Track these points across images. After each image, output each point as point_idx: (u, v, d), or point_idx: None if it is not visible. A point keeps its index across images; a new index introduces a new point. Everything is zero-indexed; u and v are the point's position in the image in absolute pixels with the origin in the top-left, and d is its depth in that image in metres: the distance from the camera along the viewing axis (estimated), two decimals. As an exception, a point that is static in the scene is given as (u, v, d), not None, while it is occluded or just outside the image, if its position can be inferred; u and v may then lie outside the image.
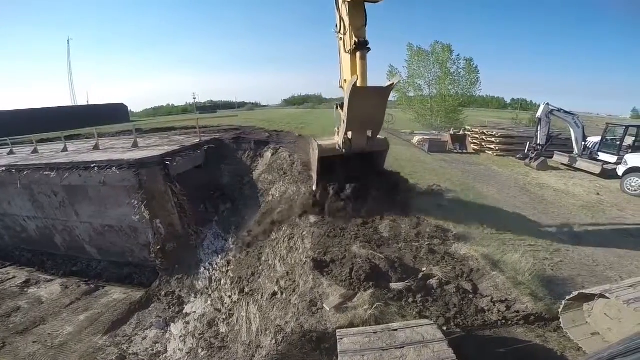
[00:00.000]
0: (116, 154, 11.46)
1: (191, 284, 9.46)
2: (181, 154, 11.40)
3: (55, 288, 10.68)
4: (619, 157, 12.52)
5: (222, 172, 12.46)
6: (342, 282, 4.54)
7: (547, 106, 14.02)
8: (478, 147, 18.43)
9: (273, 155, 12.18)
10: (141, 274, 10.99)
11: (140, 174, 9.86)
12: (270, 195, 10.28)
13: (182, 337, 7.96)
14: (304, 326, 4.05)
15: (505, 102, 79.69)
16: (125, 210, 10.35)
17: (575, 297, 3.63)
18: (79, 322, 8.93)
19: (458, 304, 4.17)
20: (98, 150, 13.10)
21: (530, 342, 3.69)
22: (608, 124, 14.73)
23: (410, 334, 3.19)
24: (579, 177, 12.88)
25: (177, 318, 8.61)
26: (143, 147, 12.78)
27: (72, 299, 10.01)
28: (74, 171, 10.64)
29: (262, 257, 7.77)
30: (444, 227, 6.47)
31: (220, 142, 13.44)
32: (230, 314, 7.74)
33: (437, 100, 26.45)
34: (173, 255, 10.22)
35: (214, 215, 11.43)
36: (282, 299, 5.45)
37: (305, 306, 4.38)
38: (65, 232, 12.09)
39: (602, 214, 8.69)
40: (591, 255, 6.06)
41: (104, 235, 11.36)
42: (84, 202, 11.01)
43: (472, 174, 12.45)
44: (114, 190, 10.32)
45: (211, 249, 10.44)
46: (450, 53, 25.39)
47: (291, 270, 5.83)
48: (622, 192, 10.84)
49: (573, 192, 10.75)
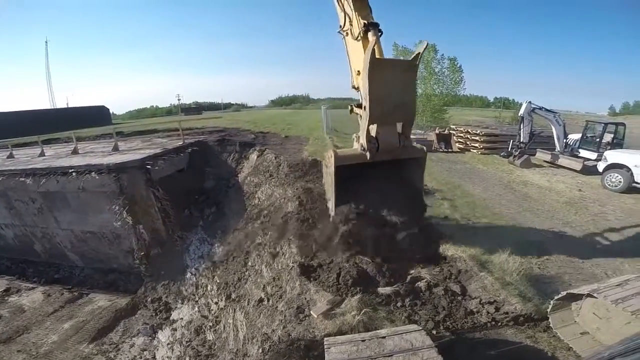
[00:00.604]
0: (95, 158, 11.09)
1: (178, 290, 9.25)
2: (163, 158, 11.10)
3: (38, 296, 10.37)
4: (598, 154, 12.81)
5: (207, 175, 12.21)
6: (330, 288, 4.45)
7: (529, 104, 14.25)
8: (463, 146, 18.61)
9: (259, 157, 12.00)
10: (126, 281, 10.71)
11: (120, 179, 9.56)
12: (257, 198, 10.11)
13: (169, 344, 7.79)
14: (291, 334, 3.96)
15: (488, 100, 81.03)
16: (107, 216, 10.03)
17: (563, 297, 3.63)
18: (64, 330, 8.71)
19: (447, 306, 4.14)
20: (77, 154, 12.65)
21: (520, 343, 3.67)
22: (587, 121, 15.05)
23: (399, 341, 3.12)
24: (561, 173, 13.12)
25: (165, 325, 8.42)
26: (124, 150, 12.41)
27: (55, 307, 9.74)
28: (51, 177, 10.25)
29: (248, 262, 7.62)
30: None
31: (204, 145, 13.16)
32: (217, 320, 7.57)
33: (422, 99, 26.58)
34: (158, 261, 9.98)
35: (199, 219, 11.19)
36: (268, 305, 5.33)
37: (292, 313, 4.29)
38: (45, 239, 11.70)
39: (585, 210, 8.83)
40: (576, 253, 6.12)
41: (86, 241, 11.01)
42: (64, 209, 10.64)
43: (457, 172, 12.54)
44: (94, 196, 9.98)
45: (197, 254, 10.22)
46: (434, 53, 25.57)
47: (277, 276, 5.71)
48: (603, 188, 11.06)
49: (556, 189, 10.92)
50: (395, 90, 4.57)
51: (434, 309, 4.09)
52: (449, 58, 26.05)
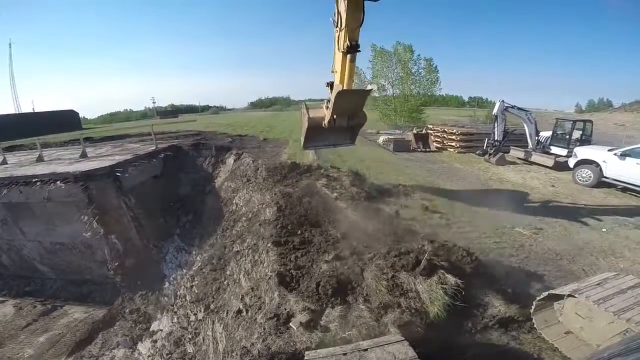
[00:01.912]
0: (62, 166, 10.49)
1: (156, 300, 8.95)
2: (134, 164, 10.61)
3: (8, 309, 9.89)
4: (569, 150, 13.24)
5: (182, 181, 11.79)
6: (309, 298, 4.29)
7: (502, 103, 14.57)
8: (440, 145, 18.87)
9: (236, 162, 11.68)
10: (102, 292, 10.31)
11: (88, 188, 9.08)
12: (234, 204, 9.83)
13: (150, 356, 7.54)
14: (271, 347, 3.81)
15: (463, 100, 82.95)
16: (76, 226, 9.53)
17: (545, 298, 3.63)
18: (40, 344, 8.39)
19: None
20: (42, 162, 11.97)
21: (506, 345, 3.65)
22: (557, 119, 15.57)
23: (381, 353, 3.01)
24: (535, 170, 13.48)
25: (145, 336, 8.13)
26: (93, 157, 11.81)
27: (28, 320, 9.34)
28: (13, 187, 9.64)
29: (226, 270, 7.36)
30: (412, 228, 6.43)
31: (178, 150, 12.70)
32: (196, 332, 7.30)
33: (400, 100, 26.86)
34: (134, 271, 9.62)
35: (175, 227, 10.79)
36: (247, 317, 5.12)
37: (272, 325, 4.12)
38: (11, 251, 11.07)
39: (558, 206, 9.07)
40: (553, 249, 6.23)
41: (56, 253, 10.49)
42: (29, 220, 10.06)
43: (436, 172, 12.66)
44: (62, 206, 9.46)
45: (174, 263, 9.88)
46: (411, 53, 25.89)
47: (256, 286, 5.51)
48: (574, 183, 11.43)
49: (530, 185, 11.19)
50: (351, 105, 6.78)
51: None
52: (425, 59, 26.46)
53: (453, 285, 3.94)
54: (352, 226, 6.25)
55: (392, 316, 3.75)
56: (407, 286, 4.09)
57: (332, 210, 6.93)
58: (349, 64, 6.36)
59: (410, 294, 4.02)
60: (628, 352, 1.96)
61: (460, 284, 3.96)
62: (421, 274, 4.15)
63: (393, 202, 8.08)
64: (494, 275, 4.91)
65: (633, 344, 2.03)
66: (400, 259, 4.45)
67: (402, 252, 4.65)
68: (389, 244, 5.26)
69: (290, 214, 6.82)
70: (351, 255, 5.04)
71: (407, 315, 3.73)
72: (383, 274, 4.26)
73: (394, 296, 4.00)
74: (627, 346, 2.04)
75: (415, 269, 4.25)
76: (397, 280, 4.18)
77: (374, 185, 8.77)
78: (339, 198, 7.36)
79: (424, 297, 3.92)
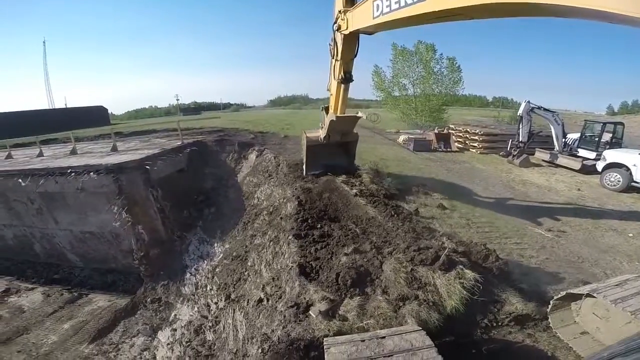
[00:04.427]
0: (94, 159, 11.03)
1: (177, 290, 9.22)
2: (162, 158, 11.04)
3: (37, 297, 10.34)
4: (597, 153, 12.84)
5: (206, 175, 12.17)
6: (329, 288, 4.43)
7: (528, 104, 14.28)
8: (462, 145, 18.64)
9: (258, 157, 11.97)
10: (126, 281, 10.69)
11: (119, 179, 9.50)
12: (256, 198, 10.09)
13: (169, 344, 7.75)
14: (291, 334, 3.94)
15: (487, 100, 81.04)
16: (106, 216, 10.00)
17: (562, 297, 3.63)
18: (64, 330, 8.70)
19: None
20: (75, 154, 12.60)
21: (520, 343, 3.67)
22: (586, 121, 15.09)
23: (399, 341, 3.11)
24: (560, 173, 13.15)
25: (164, 325, 8.38)
26: (122, 151, 12.35)
27: (55, 307, 9.72)
28: (50, 177, 10.21)
29: (247, 262, 7.60)
30: (430, 227, 6.46)
31: (203, 145, 13.10)
32: (216, 321, 7.55)
33: (421, 99, 26.61)
34: (158, 261, 9.93)
35: (199, 220, 11.14)
36: (268, 305, 5.31)
37: (292, 313, 4.27)
38: (44, 239, 11.63)
39: (583, 209, 8.85)
40: (576, 252, 6.13)
41: (86, 242, 10.96)
42: (63, 209, 10.60)
43: (456, 172, 12.55)
44: (93, 196, 9.94)
45: (196, 254, 10.19)
46: (433, 52, 25.59)
47: (277, 276, 5.69)
48: (602, 187, 11.11)
49: (555, 188, 10.95)
50: (343, 126, 8.06)
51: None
52: (448, 58, 26.09)
53: (471, 280, 4.00)
54: (371, 222, 6.34)
55: (409, 307, 3.84)
56: (426, 280, 4.17)
57: (352, 206, 7.03)
58: (342, 92, 7.29)
59: (429, 287, 4.10)
60: (628, 352, 1.99)
61: (479, 278, 4.01)
62: (440, 268, 4.22)
63: (412, 201, 8.13)
64: (512, 273, 4.91)
65: (633, 344, 2.05)
66: (420, 253, 4.53)
67: (421, 247, 4.72)
68: (408, 240, 5.33)
69: (311, 209, 6.98)
70: (370, 249, 5.14)
71: (424, 308, 3.81)
72: (402, 266, 4.35)
73: (412, 289, 4.09)
74: (627, 346, 2.06)
75: (434, 264, 4.32)
76: (415, 274, 4.26)
77: (394, 183, 8.82)
78: (359, 194, 7.45)
79: (441, 290, 3.99)
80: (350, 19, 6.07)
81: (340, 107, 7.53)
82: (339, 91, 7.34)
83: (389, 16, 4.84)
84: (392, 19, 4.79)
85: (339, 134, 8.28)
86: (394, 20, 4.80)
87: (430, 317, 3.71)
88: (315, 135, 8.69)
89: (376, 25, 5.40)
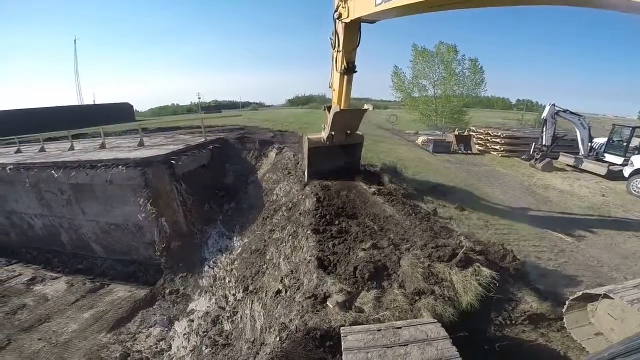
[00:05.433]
0: (122, 153, 11.53)
1: (195, 282, 9.50)
2: (186, 153, 11.44)
3: (61, 285, 10.74)
4: (625, 159, 12.45)
5: (227, 171, 12.50)
6: (346, 281, 4.56)
7: (553, 107, 13.97)
8: (483, 148, 18.38)
9: (277, 155, 12.21)
10: (146, 272, 11.04)
11: (146, 173, 9.90)
12: (275, 194, 10.32)
13: (186, 334, 7.98)
14: (308, 324, 4.07)
15: (510, 102, 79.04)
16: (131, 208, 10.41)
17: (579, 297, 3.64)
18: (84, 319, 8.98)
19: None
20: (104, 149, 13.17)
21: (533, 341, 3.70)
22: (614, 125, 14.63)
23: (414, 332, 3.21)
24: (585, 178, 12.82)
25: (181, 316, 8.63)
26: (149, 146, 12.83)
27: (77, 296, 10.06)
28: (81, 170, 10.72)
29: (266, 255, 7.80)
30: (448, 226, 6.49)
31: (224, 142, 13.47)
32: (234, 311, 7.76)
33: (441, 100, 26.34)
34: (178, 253, 10.24)
35: (219, 214, 11.46)
36: (286, 297, 5.48)
37: (309, 304, 4.41)
38: (71, 230, 12.15)
39: (607, 216, 8.65)
40: (596, 257, 6.05)
41: (110, 233, 11.41)
42: (91, 200, 11.08)
43: (476, 174, 12.43)
44: (120, 188, 10.38)
45: (215, 247, 10.46)
46: (455, 53, 25.30)
47: (295, 269, 5.85)
48: (628, 194, 10.78)
49: (578, 194, 10.70)
50: (347, 122, 7.70)
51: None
52: (470, 59, 25.76)
53: (487, 278, 4.05)
54: (389, 220, 6.43)
55: (425, 301, 3.92)
56: (442, 275, 4.24)
57: (370, 204, 7.13)
58: (346, 85, 7.01)
59: (445, 282, 4.17)
60: (628, 352, 2.01)
61: (495, 276, 4.06)
62: (457, 265, 4.29)
63: (430, 201, 8.16)
64: (529, 274, 4.91)
65: (633, 344, 2.07)
66: (437, 250, 4.60)
67: (439, 245, 4.80)
68: (426, 238, 5.40)
69: (329, 205, 7.10)
70: (388, 245, 5.23)
71: (440, 302, 3.88)
72: (420, 262, 4.43)
73: (429, 283, 4.17)
74: (627, 346, 2.09)
75: (451, 260, 4.39)
76: (432, 269, 4.34)
77: (412, 183, 8.86)
78: (377, 193, 7.54)
79: (457, 286, 4.06)
80: (351, 6, 5.95)
81: (344, 100, 7.18)
82: (342, 83, 7.03)
83: (391, 3, 4.83)
84: (394, 6, 4.79)
85: (343, 132, 7.85)
86: (395, 7, 4.81)
87: (445, 312, 3.78)
88: (318, 136, 8.31)
89: (378, 12, 5.35)
